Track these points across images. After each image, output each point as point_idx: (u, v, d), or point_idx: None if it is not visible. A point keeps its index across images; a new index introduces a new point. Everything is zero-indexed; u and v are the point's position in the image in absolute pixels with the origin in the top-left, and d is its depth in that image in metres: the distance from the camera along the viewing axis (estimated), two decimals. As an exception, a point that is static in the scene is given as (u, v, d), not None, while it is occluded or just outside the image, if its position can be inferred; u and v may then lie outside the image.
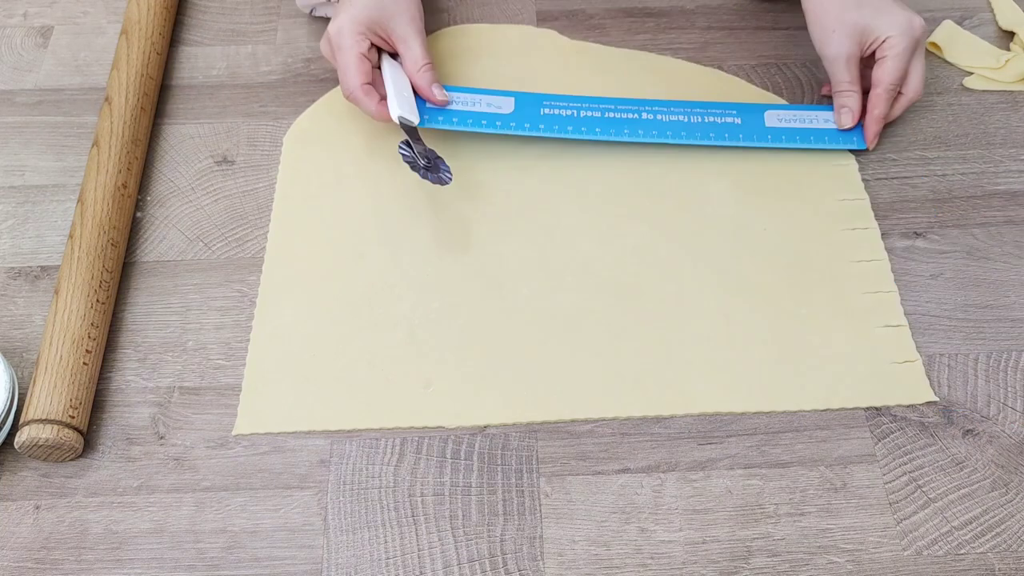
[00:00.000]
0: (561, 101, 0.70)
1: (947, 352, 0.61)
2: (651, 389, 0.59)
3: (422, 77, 0.68)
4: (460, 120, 0.68)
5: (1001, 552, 0.53)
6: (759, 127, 0.69)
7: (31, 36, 0.79)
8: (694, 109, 0.70)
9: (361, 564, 0.53)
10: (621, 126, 0.68)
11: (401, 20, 0.68)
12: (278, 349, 0.61)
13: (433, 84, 0.68)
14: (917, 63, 0.68)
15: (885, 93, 0.67)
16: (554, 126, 0.67)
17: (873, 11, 0.67)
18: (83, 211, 0.64)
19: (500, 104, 0.69)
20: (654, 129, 0.68)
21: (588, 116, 0.68)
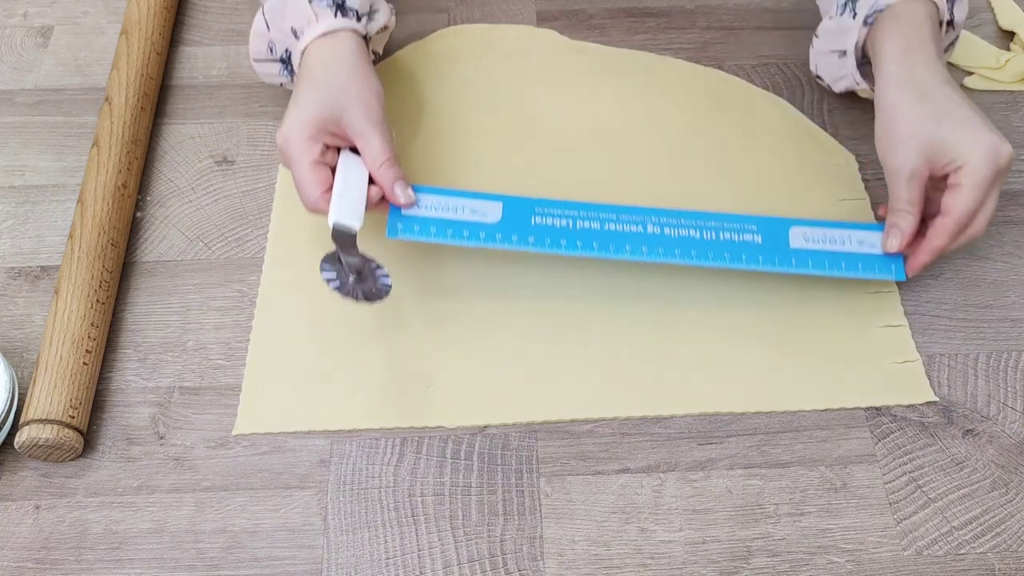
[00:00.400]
0: (555, 208, 0.61)
1: (947, 352, 0.61)
2: (651, 389, 0.59)
3: (383, 175, 0.59)
4: (439, 231, 0.59)
5: (1001, 552, 0.53)
6: (783, 248, 0.60)
7: (31, 36, 0.79)
8: (708, 222, 0.61)
9: (361, 564, 0.53)
10: (622, 241, 0.59)
11: (355, 113, 0.60)
12: (278, 349, 0.61)
13: (396, 182, 0.60)
14: (992, 198, 0.58)
15: (954, 225, 0.57)
16: (545, 239, 0.59)
17: (955, 128, 0.57)
18: (83, 211, 0.64)
19: (485, 211, 0.60)
20: (660, 246, 0.59)
21: (585, 228, 0.60)
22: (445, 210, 0.60)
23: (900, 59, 0.60)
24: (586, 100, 0.73)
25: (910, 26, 0.61)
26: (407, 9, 0.80)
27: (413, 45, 0.77)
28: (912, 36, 0.60)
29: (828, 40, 0.68)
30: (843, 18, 0.65)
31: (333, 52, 0.62)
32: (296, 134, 0.59)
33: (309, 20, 0.62)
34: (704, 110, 0.73)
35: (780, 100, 0.74)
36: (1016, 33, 0.77)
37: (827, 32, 0.68)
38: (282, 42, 0.65)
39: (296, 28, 0.63)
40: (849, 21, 0.65)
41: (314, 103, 0.60)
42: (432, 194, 0.61)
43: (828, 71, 0.70)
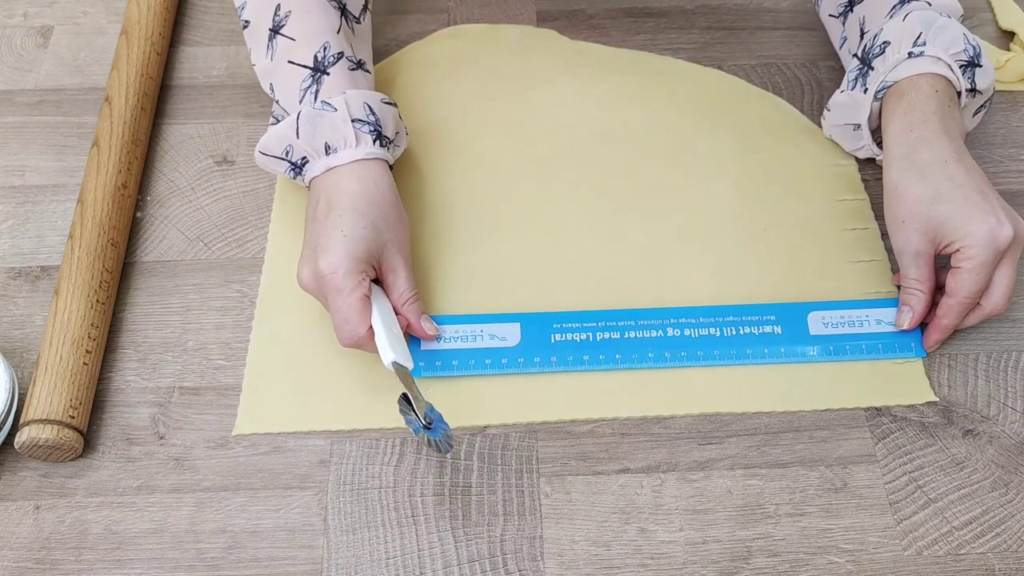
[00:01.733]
0: (574, 321, 0.61)
1: (947, 352, 0.61)
2: (651, 389, 0.59)
3: (411, 310, 0.59)
4: (461, 363, 0.59)
5: (1001, 552, 0.53)
6: (803, 337, 0.60)
7: (31, 36, 0.79)
8: (726, 317, 0.61)
9: (361, 564, 0.53)
10: (644, 348, 0.60)
11: (392, 247, 0.59)
12: (278, 349, 0.61)
13: (422, 317, 0.59)
14: (1003, 274, 0.57)
15: (958, 306, 0.58)
16: (568, 357, 0.59)
17: (953, 209, 0.57)
18: (83, 211, 0.64)
19: (504, 335, 0.60)
20: (683, 350, 0.60)
21: (606, 339, 0.60)
22: (464, 339, 0.60)
23: (902, 138, 0.60)
24: (586, 100, 0.73)
25: (913, 103, 0.61)
26: (407, 9, 0.80)
27: (413, 45, 0.77)
28: (915, 113, 0.60)
29: (840, 114, 0.68)
30: (855, 92, 0.65)
31: (375, 182, 0.60)
32: (348, 267, 0.56)
33: (347, 141, 0.60)
34: (704, 110, 0.73)
35: (780, 100, 0.74)
36: (1016, 33, 0.77)
37: (839, 105, 0.67)
38: (305, 151, 0.61)
39: (330, 144, 0.60)
40: (860, 96, 0.64)
41: (364, 236, 0.57)
42: (450, 323, 0.61)
43: (845, 142, 0.69)
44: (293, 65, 0.62)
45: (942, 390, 0.59)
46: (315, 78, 0.62)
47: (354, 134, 0.60)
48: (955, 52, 0.61)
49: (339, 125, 0.60)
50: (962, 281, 0.57)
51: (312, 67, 0.62)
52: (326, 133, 0.60)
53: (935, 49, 0.61)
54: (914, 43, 0.62)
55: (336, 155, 0.60)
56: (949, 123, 0.60)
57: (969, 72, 0.62)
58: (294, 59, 0.62)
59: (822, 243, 0.65)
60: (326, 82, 0.62)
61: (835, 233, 0.66)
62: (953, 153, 0.59)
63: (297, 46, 0.62)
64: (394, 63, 0.76)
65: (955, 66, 0.61)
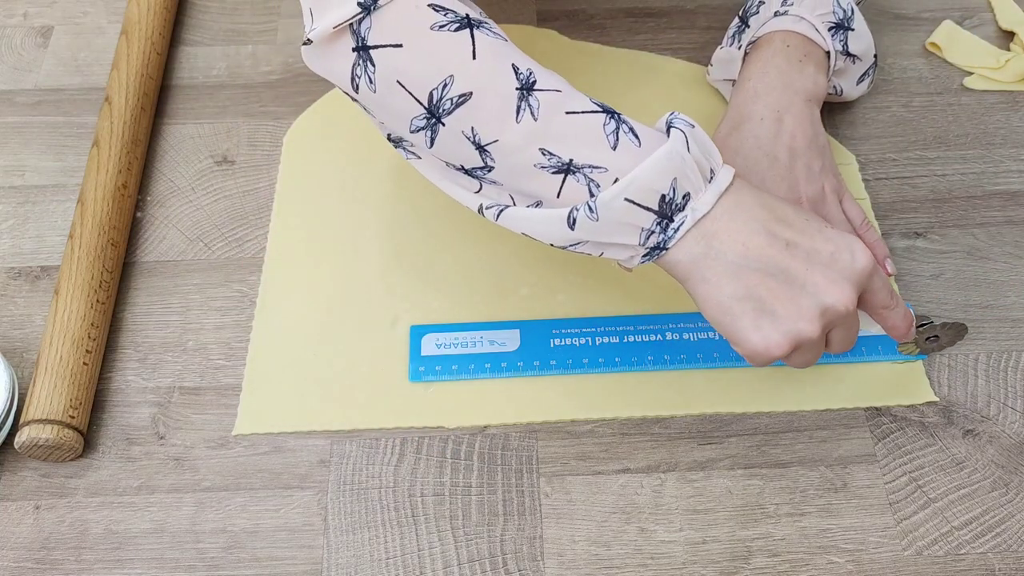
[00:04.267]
0: (572, 327, 0.61)
1: (947, 352, 0.61)
2: (651, 389, 0.59)
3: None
4: (460, 368, 0.59)
5: (1001, 552, 0.53)
6: None
7: (31, 36, 0.79)
8: None
9: (361, 564, 0.53)
10: (644, 352, 0.60)
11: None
12: (278, 349, 0.61)
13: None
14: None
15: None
16: (567, 360, 0.59)
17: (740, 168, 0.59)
18: (83, 211, 0.64)
19: (504, 340, 0.60)
20: (682, 352, 0.59)
21: (605, 343, 0.60)
22: (464, 345, 0.60)
23: (739, 88, 0.63)
24: (586, 100, 0.73)
25: (760, 57, 0.63)
26: (407, 9, 0.80)
27: (413, 45, 0.77)
28: (757, 65, 0.63)
29: (719, 69, 0.70)
30: (731, 48, 0.68)
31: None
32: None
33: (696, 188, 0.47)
34: (704, 110, 0.73)
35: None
36: (1016, 33, 0.77)
37: (719, 61, 0.70)
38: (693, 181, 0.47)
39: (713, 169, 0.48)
40: (736, 52, 0.67)
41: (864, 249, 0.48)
42: (449, 331, 0.61)
43: (728, 95, 0.71)
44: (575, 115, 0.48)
45: (942, 390, 0.59)
46: (616, 118, 0.49)
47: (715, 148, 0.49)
48: (822, 13, 0.63)
49: (707, 138, 0.49)
50: None
51: (602, 109, 0.49)
52: (708, 151, 0.48)
53: (800, 9, 0.63)
54: (783, 2, 0.64)
55: (718, 179, 0.48)
56: (793, 77, 0.62)
57: (840, 35, 0.63)
58: (572, 108, 0.48)
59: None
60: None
61: (835, 233, 0.66)
62: (775, 111, 0.60)
63: (565, 97, 0.49)
64: (394, 63, 0.76)
65: (822, 27, 0.63)
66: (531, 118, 0.47)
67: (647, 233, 0.47)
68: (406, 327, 0.61)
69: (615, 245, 0.49)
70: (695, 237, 0.47)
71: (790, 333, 0.46)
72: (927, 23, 0.78)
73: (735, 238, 0.47)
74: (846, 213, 0.61)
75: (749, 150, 0.60)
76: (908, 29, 0.78)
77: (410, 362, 0.60)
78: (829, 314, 0.47)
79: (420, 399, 0.59)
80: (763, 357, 0.47)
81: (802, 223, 0.48)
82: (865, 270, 0.48)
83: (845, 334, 0.49)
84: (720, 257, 0.47)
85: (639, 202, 0.46)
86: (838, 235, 0.48)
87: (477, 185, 0.51)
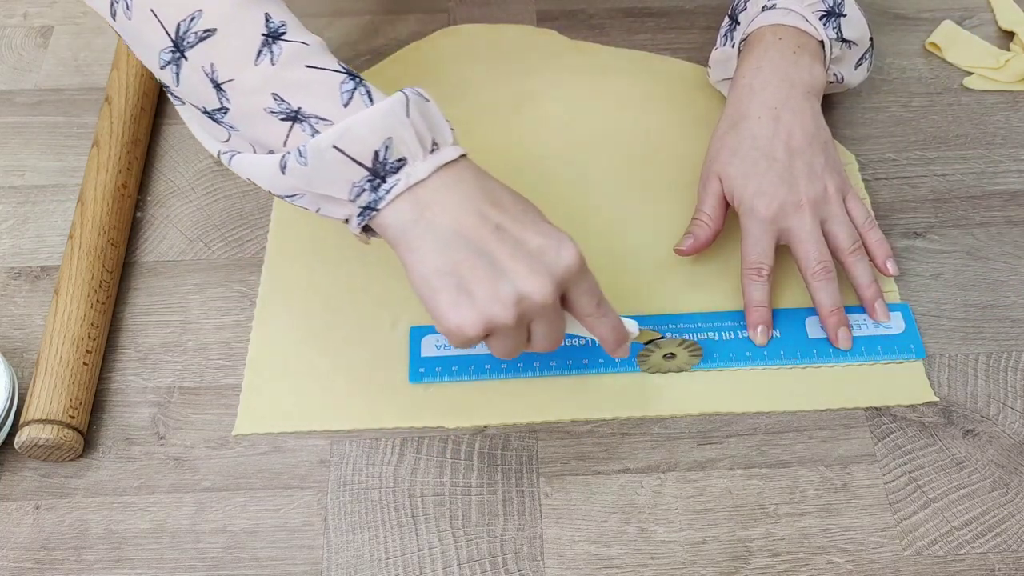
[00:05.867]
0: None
1: (947, 352, 0.61)
2: (651, 389, 0.59)
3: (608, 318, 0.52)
4: (460, 369, 0.59)
5: (1001, 552, 0.53)
6: (801, 339, 0.60)
7: (31, 36, 0.79)
8: (725, 322, 0.61)
9: (361, 564, 0.53)
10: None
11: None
12: (278, 349, 0.61)
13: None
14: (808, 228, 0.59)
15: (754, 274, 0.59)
16: (567, 361, 0.59)
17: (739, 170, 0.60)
18: (83, 211, 0.64)
19: None
20: None
21: None
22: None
23: (735, 86, 0.63)
24: (586, 100, 0.73)
25: (753, 53, 0.63)
26: (407, 9, 0.80)
27: (413, 45, 0.77)
28: (751, 62, 0.63)
29: (718, 70, 0.70)
30: (725, 48, 0.68)
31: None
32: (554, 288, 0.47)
33: (447, 138, 0.48)
34: (704, 110, 0.73)
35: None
36: (1016, 33, 0.77)
37: (716, 62, 0.70)
38: (411, 147, 0.47)
39: (436, 140, 0.48)
40: (730, 51, 0.67)
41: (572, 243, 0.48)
42: None
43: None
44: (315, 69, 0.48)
45: (942, 390, 0.59)
46: (356, 81, 0.48)
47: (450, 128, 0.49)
48: (811, 3, 0.63)
49: (440, 116, 0.48)
50: (743, 248, 0.60)
51: (346, 72, 0.48)
52: (435, 125, 0.48)
53: (788, 1, 0.63)
54: None
55: (441, 152, 0.48)
56: (788, 71, 0.61)
57: (833, 22, 0.63)
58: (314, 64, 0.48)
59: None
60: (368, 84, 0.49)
61: (835, 233, 0.66)
62: (771, 108, 0.60)
63: (311, 52, 0.49)
64: (394, 63, 0.76)
65: (812, 17, 0.62)
66: (269, 63, 0.48)
67: (358, 189, 0.47)
68: (406, 328, 0.61)
69: (329, 199, 0.48)
70: (408, 203, 0.47)
71: (484, 315, 0.46)
72: (927, 23, 0.78)
73: (447, 211, 0.47)
74: (849, 212, 0.60)
75: (747, 150, 0.60)
76: (908, 29, 0.78)
77: (410, 363, 0.60)
78: (525, 303, 0.46)
79: (420, 399, 0.59)
80: (457, 336, 0.47)
81: (518, 212, 0.48)
82: (569, 269, 0.47)
83: (546, 330, 0.48)
84: (430, 228, 0.46)
85: (350, 154, 0.46)
86: (552, 230, 0.48)
87: (225, 134, 0.51)
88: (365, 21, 0.80)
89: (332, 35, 0.79)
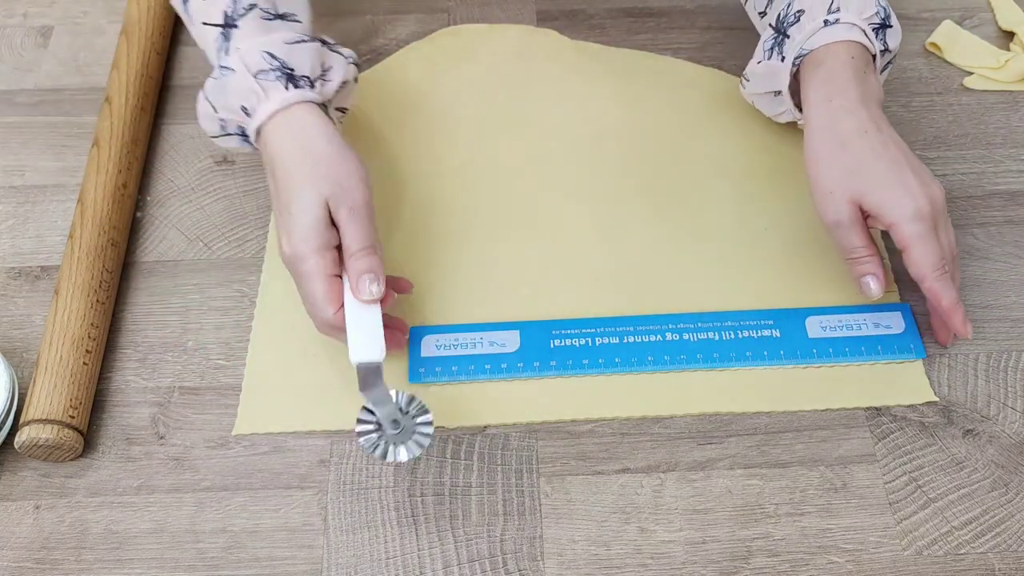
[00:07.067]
0: (572, 328, 0.61)
1: (947, 352, 0.61)
2: (651, 389, 0.59)
3: (351, 266, 0.54)
4: (460, 369, 0.59)
5: (1001, 552, 0.53)
6: (802, 340, 0.60)
7: (31, 36, 0.79)
8: (725, 322, 0.61)
9: (361, 564, 0.53)
10: (644, 352, 0.59)
11: (338, 199, 0.54)
12: (278, 349, 0.61)
13: (362, 275, 0.53)
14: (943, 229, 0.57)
15: (937, 282, 0.56)
16: (567, 361, 0.59)
17: (874, 182, 0.56)
18: (83, 211, 0.64)
19: (504, 341, 0.60)
20: (682, 353, 0.59)
21: (605, 344, 0.60)
22: (463, 347, 0.60)
23: (823, 109, 0.59)
24: (586, 100, 0.73)
25: (832, 72, 0.60)
26: (407, 9, 0.80)
27: (413, 45, 0.77)
28: (834, 83, 0.60)
29: (759, 83, 0.67)
30: (771, 62, 0.64)
31: (302, 132, 0.56)
32: (306, 247, 0.53)
33: (258, 97, 0.56)
34: (704, 110, 0.73)
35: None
36: (1016, 33, 0.77)
37: (757, 76, 0.67)
38: (233, 121, 0.58)
39: (246, 106, 0.57)
40: (778, 64, 0.64)
41: (311, 205, 0.53)
42: (449, 332, 0.61)
43: (766, 107, 0.69)
44: (207, 27, 0.57)
45: (942, 390, 0.59)
46: (225, 34, 0.56)
47: (260, 87, 0.56)
48: (868, 16, 0.61)
49: (244, 82, 0.56)
50: (917, 259, 0.55)
51: (222, 24, 0.56)
52: (237, 96, 0.56)
53: (849, 15, 0.61)
54: (828, 10, 0.61)
55: (255, 115, 0.56)
56: (866, 91, 0.60)
57: (882, 34, 0.62)
58: (207, 19, 0.57)
59: (823, 244, 0.65)
60: (234, 36, 0.57)
61: (835, 233, 0.66)
62: (872, 123, 0.58)
63: (209, 5, 0.57)
64: (394, 63, 0.76)
65: (869, 30, 0.61)
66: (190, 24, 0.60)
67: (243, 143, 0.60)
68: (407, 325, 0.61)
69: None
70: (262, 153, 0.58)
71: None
72: (927, 23, 0.79)
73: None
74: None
75: (870, 163, 0.57)
76: (908, 29, 0.78)
77: (410, 363, 0.60)
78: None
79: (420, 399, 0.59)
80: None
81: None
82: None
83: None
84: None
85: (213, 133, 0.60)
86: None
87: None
88: (365, 21, 0.80)
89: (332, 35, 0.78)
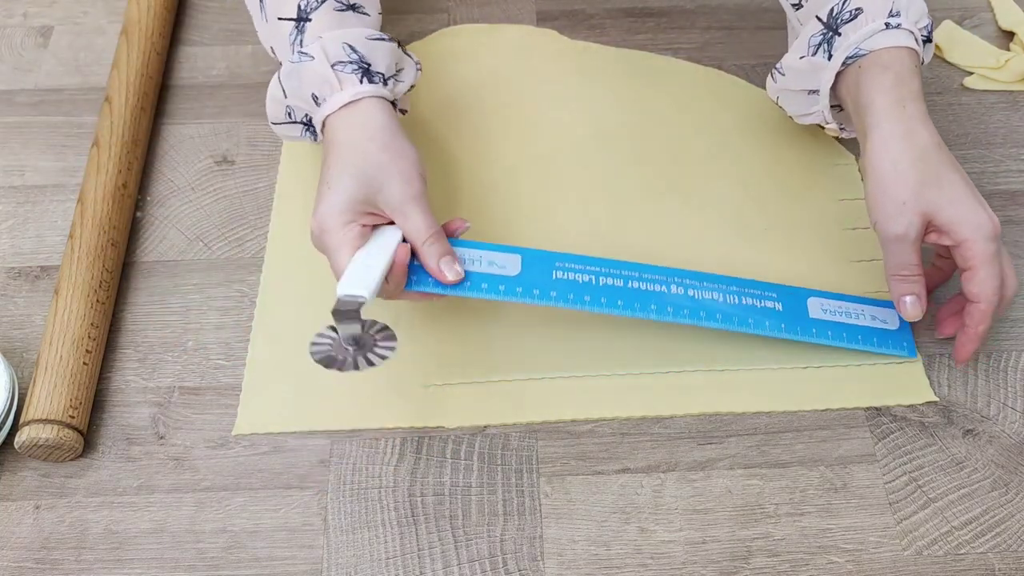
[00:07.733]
0: (576, 263, 0.58)
1: (947, 352, 0.61)
2: (651, 389, 0.59)
3: (428, 251, 0.55)
4: (457, 284, 0.56)
5: (1001, 552, 0.53)
6: (802, 317, 0.59)
7: (31, 36, 0.79)
8: (730, 287, 0.59)
9: (361, 564, 0.53)
10: (647, 300, 0.58)
11: (392, 189, 0.56)
12: (278, 349, 0.61)
13: (442, 259, 0.55)
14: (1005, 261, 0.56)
15: (989, 307, 0.55)
16: (568, 294, 0.57)
17: (952, 198, 0.55)
18: (83, 211, 0.64)
19: (504, 264, 0.57)
20: (685, 308, 0.58)
21: (608, 285, 0.58)
22: (463, 263, 0.57)
23: (896, 114, 0.56)
24: (586, 100, 0.73)
25: (901, 77, 0.57)
26: (407, 9, 0.80)
27: (413, 45, 0.77)
28: (905, 89, 0.57)
29: (796, 79, 0.63)
30: (816, 58, 0.61)
31: (362, 126, 0.57)
32: (332, 222, 0.55)
33: (332, 87, 0.57)
34: (704, 110, 0.73)
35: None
36: (1016, 33, 0.77)
37: (794, 71, 0.63)
38: (301, 108, 0.60)
39: (317, 95, 0.58)
40: (823, 62, 0.60)
41: (347, 186, 0.55)
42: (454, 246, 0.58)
43: (793, 106, 0.66)
44: (282, 21, 0.59)
45: (942, 390, 0.59)
46: (299, 27, 0.59)
47: (336, 78, 0.57)
48: (923, 27, 0.60)
49: (321, 71, 0.57)
50: (983, 281, 0.54)
51: (296, 18, 0.59)
52: (310, 83, 0.58)
53: (909, 22, 0.58)
54: (889, 13, 0.59)
55: (326, 104, 0.58)
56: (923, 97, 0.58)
57: (928, 46, 0.61)
58: (282, 14, 0.59)
59: (823, 243, 0.65)
60: (308, 29, 0.58)
61: (836, 233, 0.66)
62: (938, 136, 0.57)
63: (282, 2, 0.59)
64: (394, 63, 0.76)
65: (920, 39, 0.59)
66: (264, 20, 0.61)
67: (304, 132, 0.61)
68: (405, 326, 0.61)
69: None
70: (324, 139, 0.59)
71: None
72: (927, 23, 0.78)
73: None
74: None
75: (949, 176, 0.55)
76: (908, 29, 0.78)
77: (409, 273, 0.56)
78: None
79: (420, 399, 0.59)
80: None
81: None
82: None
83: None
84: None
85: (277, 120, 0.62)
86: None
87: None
88: (365, 21, 0.80)
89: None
